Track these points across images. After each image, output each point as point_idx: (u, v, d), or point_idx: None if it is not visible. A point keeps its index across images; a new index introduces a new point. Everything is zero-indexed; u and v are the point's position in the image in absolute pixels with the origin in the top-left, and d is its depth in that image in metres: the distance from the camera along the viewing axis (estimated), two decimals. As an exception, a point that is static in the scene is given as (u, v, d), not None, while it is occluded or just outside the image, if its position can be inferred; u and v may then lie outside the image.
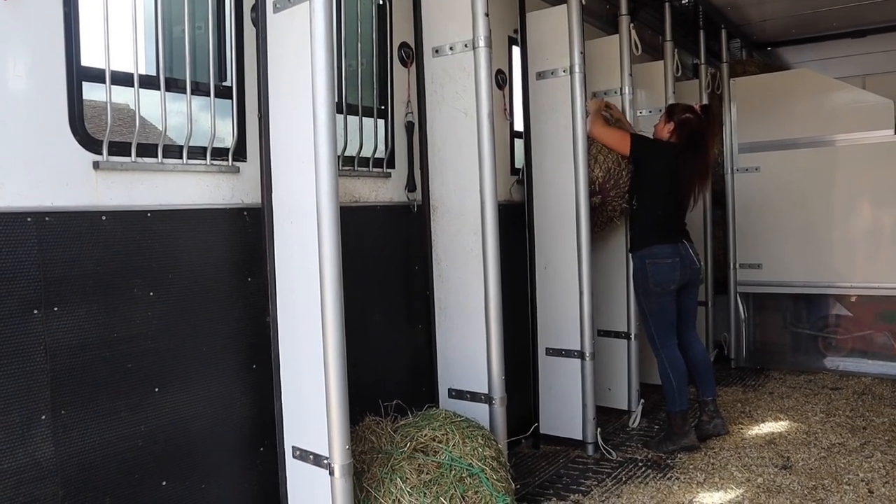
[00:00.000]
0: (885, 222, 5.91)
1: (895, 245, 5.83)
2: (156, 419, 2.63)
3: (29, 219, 2.29)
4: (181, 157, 2.74)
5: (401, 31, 3.68)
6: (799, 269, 6.17)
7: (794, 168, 6.15)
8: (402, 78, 3.68)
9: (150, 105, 2.71)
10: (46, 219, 2.34)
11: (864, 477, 3.80)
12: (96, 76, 2.49)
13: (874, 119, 5.84)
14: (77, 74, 2.42)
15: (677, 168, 4.25)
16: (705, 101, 5.86)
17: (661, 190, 4.29)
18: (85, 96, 2.49)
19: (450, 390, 3.61)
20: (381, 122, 3.61)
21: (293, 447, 2.78)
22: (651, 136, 4.51)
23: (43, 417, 2.32)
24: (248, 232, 2.92)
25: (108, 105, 2.49)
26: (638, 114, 4.77)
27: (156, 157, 2.65)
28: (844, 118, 5.98)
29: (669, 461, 4.12)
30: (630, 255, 4.49)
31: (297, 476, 2.78)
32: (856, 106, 5.97)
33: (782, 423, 4.79)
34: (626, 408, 4.91)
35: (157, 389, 2.63)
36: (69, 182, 2.41)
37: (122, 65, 2.56)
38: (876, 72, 7.29)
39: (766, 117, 6.27)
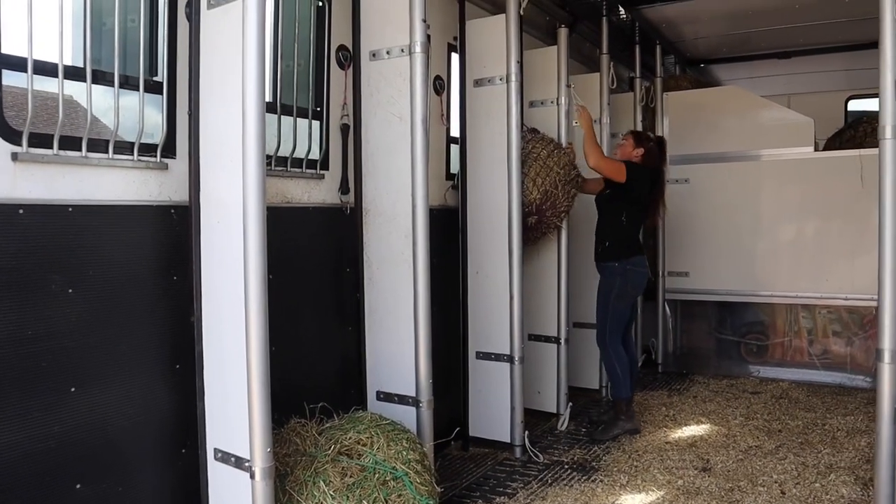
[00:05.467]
0: (806, 234, 6.18)
1: (814, 256, 6.11)
2: (71, 419, 2.55)
3: (-60, 210, 2.22)
4: (107, 152, 2.68)
5: (339, 34, 3.68)
6: (724, 277, 6.41)
7: (722, 181, 6.39)
8: (339, 80, 3.68)
9: (80, 97, 2.64)
10: (-41, 210, 2.26)
11: (778, 478, 3.96)
12: (17, 64, 2.41)
13: (796, 136, 6.12)
14: (-4, 62, 2.34)
15: (652, 190, 4.77)
16: (640, 116, 6.38)
17: (641, 208, 4.78)
18: (5, 83, 2.41)
19: (378, 393, 3.61)
20: (315, 123, 3.60)
21: (215, 449, 2.74)
22: (629, 160, 4.78)
23: (-52, 417, 2.24)
24: (175, 230, 2.88)
25: (30, 95, 2.42)
26: (574, 124, 4.88)
27: (80, 150, 2.59)
28: (769, 134, 6.25)
29: (595, 464, 4.22)
30: (604, 263, 4.76)
31: (219, 478, 2.75)
32: (780, 123, 6.24)
33: (704, 426, 4.96)
34: (554, 411, 5.00)
35: (73, 389, 2.56)
36: (-16, 173, 2.33)
37: (47, 54, 2.48)
38: (800, 91, 7.64)
39: (697, 131, 6.50)
